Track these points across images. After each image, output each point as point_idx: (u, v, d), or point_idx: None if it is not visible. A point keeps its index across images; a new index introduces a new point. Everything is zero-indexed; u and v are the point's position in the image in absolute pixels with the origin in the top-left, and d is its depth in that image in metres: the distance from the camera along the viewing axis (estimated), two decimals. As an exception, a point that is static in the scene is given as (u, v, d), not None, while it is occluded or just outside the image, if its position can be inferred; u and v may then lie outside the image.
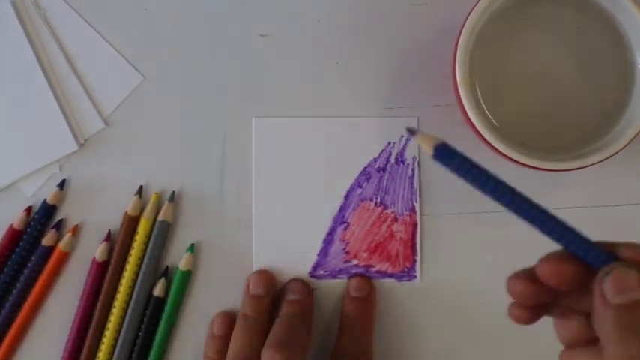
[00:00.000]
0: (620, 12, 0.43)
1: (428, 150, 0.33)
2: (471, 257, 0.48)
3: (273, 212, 0.48)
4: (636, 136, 0.42)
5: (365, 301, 0.47)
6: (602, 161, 0.42)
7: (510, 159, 0.42)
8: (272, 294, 0.47)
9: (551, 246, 0.47)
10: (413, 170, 0.48)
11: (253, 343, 0.45)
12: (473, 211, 0.48)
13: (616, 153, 0.42)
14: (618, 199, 0.48)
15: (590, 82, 0.45)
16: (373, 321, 0.47)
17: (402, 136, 0.48)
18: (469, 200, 0.48)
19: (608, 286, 0.30)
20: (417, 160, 0.48)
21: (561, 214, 0.49)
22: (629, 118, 0.43)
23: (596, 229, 0.49)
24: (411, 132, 0.34)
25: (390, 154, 0.48)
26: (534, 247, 0.50)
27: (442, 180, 0.48)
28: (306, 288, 0.47)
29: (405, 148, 0.48)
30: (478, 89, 0.45)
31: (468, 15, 0.42)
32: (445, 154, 0.33)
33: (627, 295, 0.29)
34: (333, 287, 0.48)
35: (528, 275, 0.33)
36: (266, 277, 0.47)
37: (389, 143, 0.48)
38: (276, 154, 0.48)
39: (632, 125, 0.42)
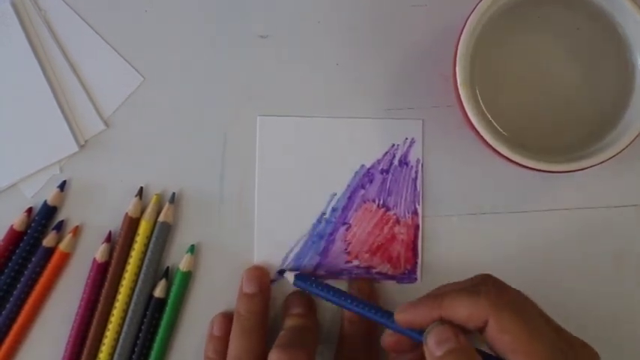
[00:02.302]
0: (620, 13, 0.43)
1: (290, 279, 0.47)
2: (472, 259, 0.48)
3: (276, 212, 0.48)
4: (637, 137, 0.42)
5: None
6: (602, 162, 0.42)
7: (511, 160, 0.42)
8: (265, 292, 0.47)
9: (551, 251, 0.46)
10: (416, 172, 0.48)
11: (251, 345, 0.45)
12: (474, 213, 0.48)
13: (616, 154, 0.42)
14: (619, 200, 0.49)
15: (590, 83, 0.45)
16: (374, 324, 0.47)
17: (406, 138, 0.48)
18: (470, 202, 0.48)
19: (431, 344, 0.37)
20: (421, 162, 0.48)
21: (562, 215, 0.50)
22: (629, 119, 0.43)
23: (596, 230, 0.50)
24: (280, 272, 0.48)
25: (394, 156, 0.48)
26: (534, 248, 0.50)
27: (444, 182, 0.48)
28: (308, 300, 0.47)
29: (409, 151, 0.48)
30: (478, 90, 0.45)
31: (469, 16, 0.42)
32: (302, 278, 0.47)
33: (445, 346, 0.36)
34: (334, 288, 0.48)
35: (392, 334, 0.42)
36: (258, 274, 0.47)
37: (392, 145, 0.48)
38: (280, 153, 0.48)
39: (632, 126, 0.42)
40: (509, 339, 0.35)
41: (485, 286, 0.38)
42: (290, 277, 0.47)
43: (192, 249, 0.48)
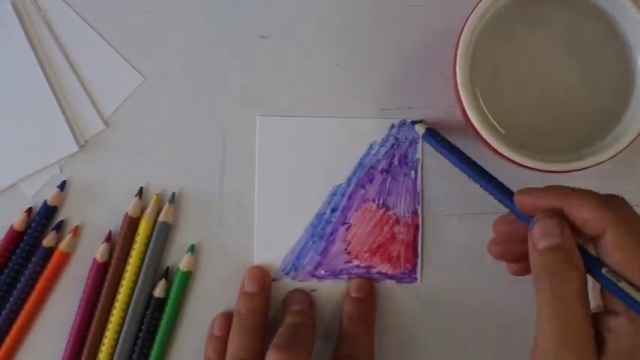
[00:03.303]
0: (620, 12, 0.43)
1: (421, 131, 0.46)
2: (472, 259, 0.48)
3: (276, 211, 0.48)
4: (637, 137, 0.42)
5: (365, 302, 0.47)
6: (602, 162, 0.42)
7: (511, 160, 0.42)
8: (266, 291, 0.47)
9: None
10: (416, 172, 0.48)
11: (250, 344, 0.45)
12: (474, 213, 0.48)
13: (617, 154, 0.42)
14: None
15: (590, 82, 0.45)
16: (373, 322, 0.47)
17: (406, 138, 0.48)
18: (470, 202, 0.48)
19: (535, 234, 0.36)
20: (421, 162, 0.48)
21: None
22: (629, 119, 0.43)
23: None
24: (413, 122, 0.48)
25: (394, 156, 0.48)
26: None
27: (444, 182, 0.48)
28: (308, 298, 0.47)
29: (409, 151, 0.48)
30: (478, 90, 0.45)
31: (469, 16, 0.42)
32: (433, 135, 0.46)
33: (548, 240, 0.35)
34: (334, 288, 0.48)
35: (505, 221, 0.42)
36: (260, 274, 0.47)
37: (392, 145, 0.48)
38: (280, 152, 0.48)
39: (632, 126, 0.42)
40: (620, 257, 0.34)
41: (616, 201, 0.36)
42: (421, 129, 0.47)
43: (192, 249, 0.48)
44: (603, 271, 0.35)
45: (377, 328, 0.48)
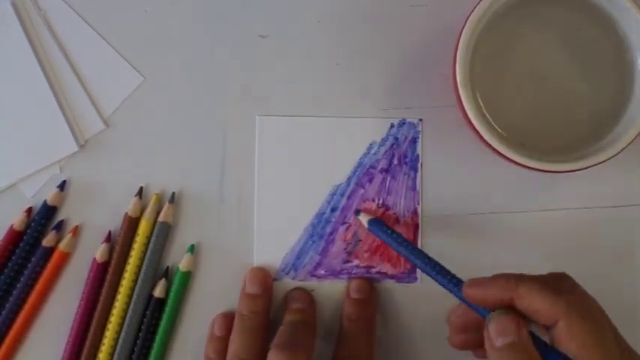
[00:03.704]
0: (620, 12, 0.43)
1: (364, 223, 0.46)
2: (472, 259, 0.48)
3: (275, 211, 0.48)
4: (637, 136, 0.42)
5: (365, 303, 0.47)
6: (602, 162, 0.42)
7: (511, 160, 0.42)
8: (268, 292, 0.47)
9: (551, 251, 0.47)
10: (415, 172, 0.48)
11: (251, 345, 0.45)
12: (474, 213, 0.48)
13: (617, 154, 0.42)
14: (619, 200, 0.49)
15: (590, 82, 0.45)
16: (374, 323, 0.47)
17: (406, 138, 0.48)
18: (470, 202, 0.48)
19: (492, 332, 0.36)
20: (421, 162, 0.48)
21: (562, 215, 0.50)
22: (629, 119, 0.43)
23: (596, 230, 0.50)
24: (356, 212, 0.48)
25: (393, 156, 0.48)
26: (534, 248, 0.50)
27: (444, 182, 0.48)
28: (308, 296, 0.48)
29: (409, 150, 0.48)
30: (478, 90, 0.45)
31: (469, 16, 0.42)
32: (377, 224, 0.46)
33: (505, 338, 0.36)
34: (334, 287, 0.48)
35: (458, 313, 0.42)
36: (262, 275, 0.47)
37: (392, 145, 0.48)
38: (279, 152, 0.48)
39: (632, 126, 0.42)
40: (575, 346, 0.35)
41: (565, 285, 0.37)
42: (364, 219, 0.46)
43: (192, 249, 0.48)
44: None
45: (377, 328, 0.48)
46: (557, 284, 0.37)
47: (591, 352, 0.35)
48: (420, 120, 0.48)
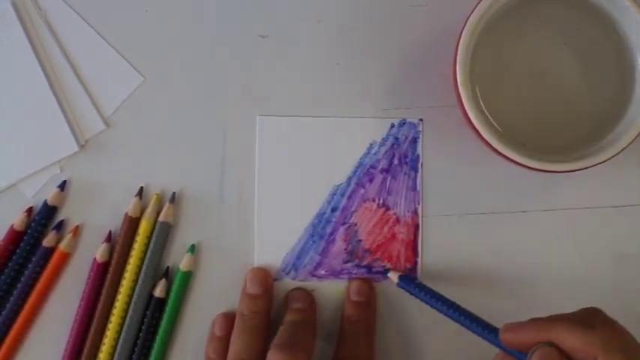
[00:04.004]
0: (620, 12, 0.43)
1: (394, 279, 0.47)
2: (472, 259, 0.48)
3: (276, 211, 0.48)
4: (637, 136, 0.42)
5: (365, 305, 0.47)
6: (602, 162, 0.42)
7: (511, 160, 0.42)
8: (269, 293, 0.47)
9: (551, 251, 0.47)
10: (416, 172, 0.48)
11: (252, 345, 0.45)
12: (474, 213, 0.48)
13: (617, 154, 0.42)
14: (619, 200, 0.49)
15: (590, 82, 0.45)
16: (374, 325, 0.47)
17: (406, 138, 0.48)
18: (470, 202, 0.48)
19: None
20: (421, 162, 0.48)
21: (562, 215, 0.50)
22: (629, 119, 0.43)
23: (596, 230, 0.50)
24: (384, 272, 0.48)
25: (394, 156, 0.48)
26: (534, 248, 0.50)
27: (444, 182, 0.48)
28: (308, 296, 0.48)
29: (409, 150, 0.48)
30: (478, 90, 0.45)
31: (469, 16, 0.42)
32: (407, 281, 0.46)
33: None
34: (334, 288, 0.48)
35: None
36: (262, 275, 0.47)
37: (392, 145, 0.48)
38: (279, 152, 0.48)
39: (633, 125, 0.42)
40: None
41: (599, 321, 0.37)
42: (394, 277, 0.47)
43: (193, 249, 0.48)
44: None
45: (377, 328, 0.48)
46: (592, 320, 0.37)
47: None
48: (421, 120, 0.48)
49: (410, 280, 0.46)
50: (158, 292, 0.47)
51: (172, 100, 0.49)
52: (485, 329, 0.42)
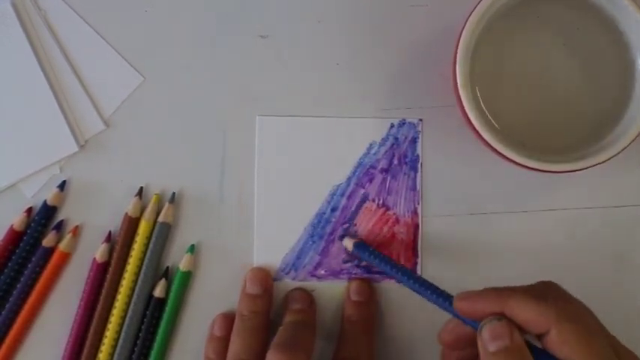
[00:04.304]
0: (620, 12, 0.43)
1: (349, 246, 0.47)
2: (472, 259, 0.48)
3: (275, 211, 0.48)
4: (637, 136, 0.42)
5: (366, 304, 0.47)
6: (602, 162, 0.42)
7: (511, 160, 0.42)
8: (269, 293, 0.47)
9: (551, 251, 0.47)
10: (415, 172, 0.48)
11: (252, 345, 0.45)
12: (474, 213, 0.48)
13: (617, 154, 0.42)
14: (619, 200, 0.49)
15: (590, 82, 0.45)
16: (374, 325, 0.47)
17: (406, 138, 0.48)
18: (470, 202, 0.48)
19: (485, 337, 0.37)
20: (421, 162, 0.48)
21: (562, 215, 0.50)
22: (629, 119, 0.43)
23: (596, 230, 0.50)
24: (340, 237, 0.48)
25: (394, 156, 0.48)
26: (534, 248, 0.50)
27: (444, 182, 0.48)
28: (308, 297, 0.48)
29: (409, 150, 0.48)
30: (478, 90, 0.45)
31: (469, 16, 0.42)
32: (362, 247, 0.46)
33: (498, 343, 0.36)
34: (334, 288, 0.48)
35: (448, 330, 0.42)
36: (262, 275, 0.47)
37: (392, 145, 0.48)
38: (279, 152, 0.48)
39: (633, 125, 0.42)
40: (567, 351, 0.35)
41: (552, 293, 0.38)
42: (349, 243, 0.47)
43: (192, 249, 0.48)
44: None
45: (377, 328, 0.48)
46: (545, 292, 0.37)
47: (584, 355, 0.35)
48: (420, 120, 0.48)
49: (365, 247, 0.46)
50: (158, 292, 0.47)
51: (172, 100, 0.49)
52: (440, 297, 0.41)
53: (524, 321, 0.36)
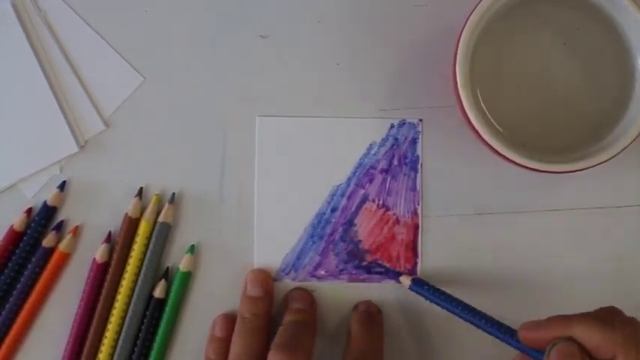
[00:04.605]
0: (620, 12, 0.43)
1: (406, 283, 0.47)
2: (472, 259, 0.48)
3: (275, 211, 0.48)
4: (637, 137, 0.42)
5: (372, 322, 0.47)
6: (602, 162, 0.42)
7: (511, 160, 0.42)
8: (270, 294, 0.47)
9: (551, 251, 0.47)
10: (415, 172, 0.48)
11: (253, 346, 0.45)
12: (473, 213, 0.48)
13: (617, 154, 0.42)
14: (619, 200, 0.49)
15: (590, 82, 0.45)
16: (381, 342, 0.47)
17: (406, 138, 0.48)
18: (470, 202, 0.48)
19: (554, 357, 0.36)
20: (421, 162, 0.48)
21: (562, 215, 0.50)
22: (629, 119, 0.43)
23: (596, 230, 0.49)
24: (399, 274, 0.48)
25: (394, 156, 0.48)
26: (534, 248, 0.50)
27: (444, 182, 0.48)
28: (309, 296, 0.48)
29: (409, 151, 0.48)
30: (478, 90, 0.45)
31: (469, 16, 0.42)
32: (419, 284, 0.46)
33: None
34: (334, 288, 0.48)
35: None
36: (263, 277, 0.47)
37: (392, 145, 0.48)
38: (279, 153, 0.48)
39: (632, 126, 0.42)
40: None
41: (618, 319, 0.37)
42: (406, 281, 0.47)
43: (192, 249, 0.48)
44: None
45: (388, 330, 0.48)
46: (612, 318, 0.37)
47: None
48: (420, 120, 0.48)
49: (422, 284, 0.46)
50: (158, 292, 0.47)
51: (172, 100, 0.49)
52: (500, 330, 0.41)
53: (590, 346, 0.36)
